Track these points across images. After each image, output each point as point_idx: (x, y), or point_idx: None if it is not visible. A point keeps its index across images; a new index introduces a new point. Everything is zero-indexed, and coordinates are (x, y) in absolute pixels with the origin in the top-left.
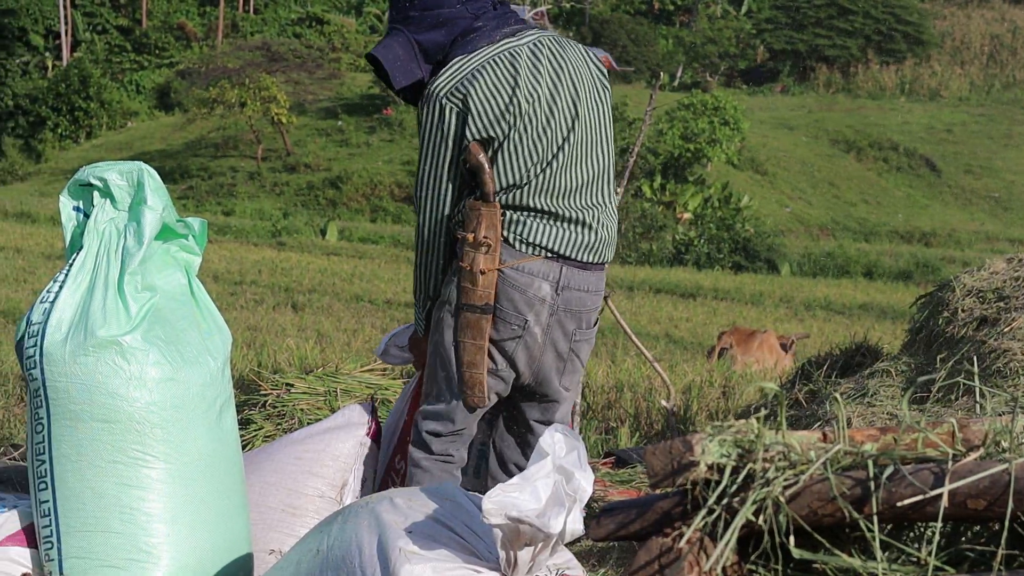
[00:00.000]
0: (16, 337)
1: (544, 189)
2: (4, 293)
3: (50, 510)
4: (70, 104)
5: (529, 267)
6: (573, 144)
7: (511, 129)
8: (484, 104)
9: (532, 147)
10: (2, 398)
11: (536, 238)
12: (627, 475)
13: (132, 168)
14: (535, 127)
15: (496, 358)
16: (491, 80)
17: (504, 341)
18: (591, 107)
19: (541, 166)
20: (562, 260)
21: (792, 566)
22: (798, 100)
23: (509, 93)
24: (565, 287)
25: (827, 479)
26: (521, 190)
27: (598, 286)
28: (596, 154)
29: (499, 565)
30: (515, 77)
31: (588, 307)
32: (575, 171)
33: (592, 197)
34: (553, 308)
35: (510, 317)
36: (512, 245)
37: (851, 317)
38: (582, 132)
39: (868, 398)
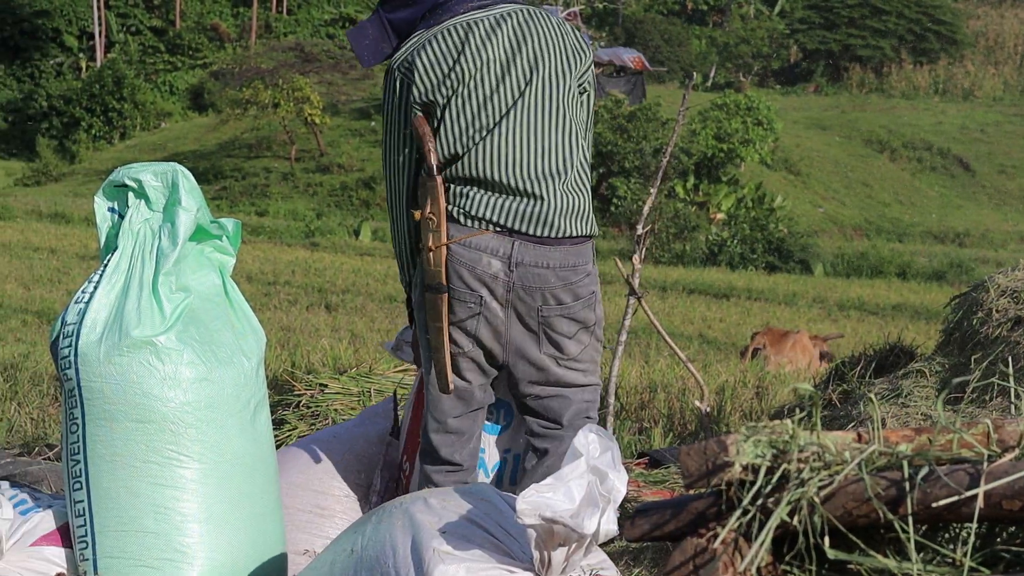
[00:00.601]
0: (51, 337)
1: (488, 158)
2: (39, 293)
3: (85, 510)
4: (104, 105)
5: (476, 242)
6: (522, 111)
7: (453, 94)
8: (427, 70)
9: (475, 113)
10: (37, 398)
11: (481, 211)
12: (661, 476)
13: (166, 169)
14: (480, 93)
15: (459, 339)
16: (438, 48)
17: (464, 320)
18: (551, 77)
19: (482, 132)
20: (514, 235)
21: (827, 567)
22: (831, 100)
23: (453, 58)
24: (519, 263)
25: (862, 480)
26: (464, 160)
27: (566, 261)
28: (552, 124)
29: (533, 565)
30: (463, 43)
31: (551, 283)
32: (525, 140)
33: (547, 167)
34: (508, 285)
35: (464, 295)
36: (457, 220)
37: (885, 317)
38: (535, 100)
39: (902, 399)
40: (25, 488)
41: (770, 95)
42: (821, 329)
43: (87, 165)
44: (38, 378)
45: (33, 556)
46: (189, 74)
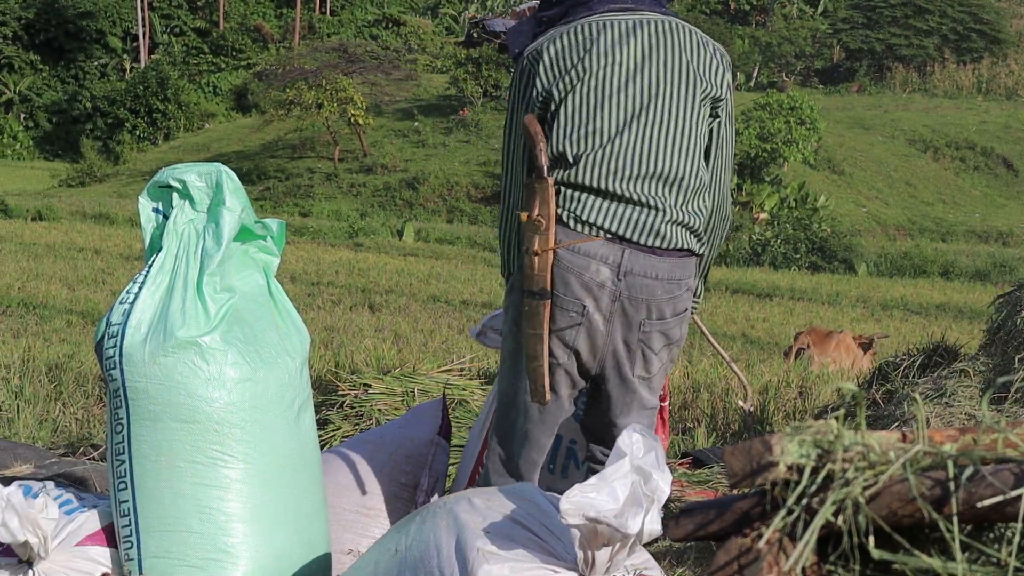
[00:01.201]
0: (96, 338)
1: (606, 167)
2: (83, 294)
3: (130, 510)
4: (148, 106)
5: (586, 248)
6: (646, 123)
7: (571, 91)
8: (552, 62)
9: (592, 115)
10: (82, 399)
11: (593, 217)
12: (704, 475)
13: (211, 170)
14: (600, 95)
15: (556, 349)
16: (568, 42)
17: (564, 330)
18: (678, 93)
19: (601, 139)
20: (624, 243)
21: (871, 567)
22: (874, 99)
23: (579, 55)
24: (628, 272)
25: (907, 480)
26: (580, 166)
27: (672, 273)
28: (675, 140)
29: (577, 565)
30: (593, 41)
31: (658, 296)
32: (646, 154)
33: (663, 186)
34: (615, 295)
35: (566, 303)
36: (567, 224)
37: (928, 317)
38: (660, 117)
39: (946, 398)
40: (70, 488)
41: (813, 95)
42: (865, 329)
43: (131, 166)
44: (83, 378)
45: (78, 556)
46: (233, 75)
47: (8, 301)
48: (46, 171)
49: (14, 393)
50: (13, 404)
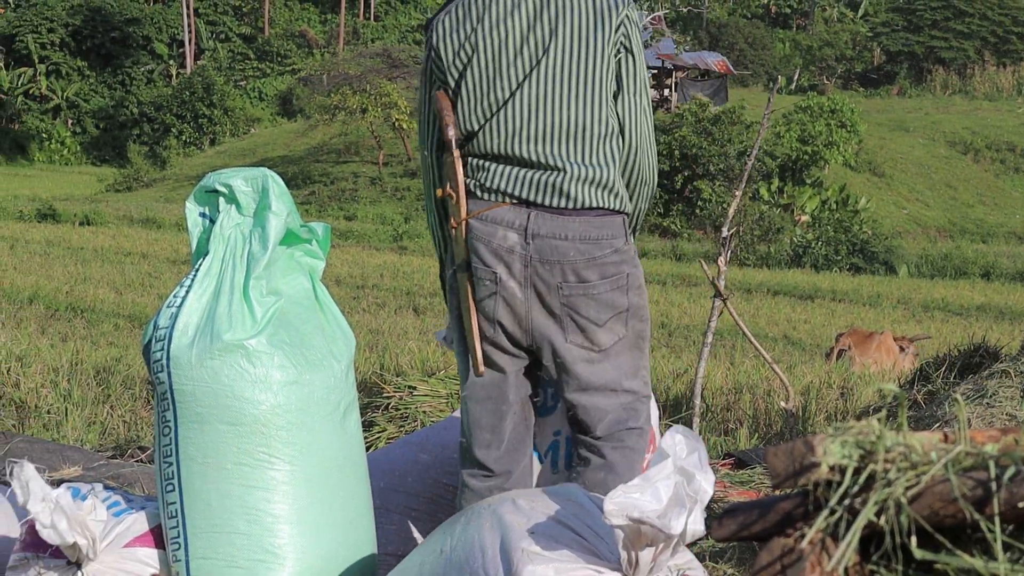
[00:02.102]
0: (143, 341)
1: (502, 131)
2: (131, 298)
3: (177, 511)
4: (194, 111)
5: (493, 215)
6: (539, 81)
7: (467, 64)
8: (446, 35)
9: (490, 84)
10: (129, 401)
11: (497, 183)
12: (747, 476)
13: (257, 174)
14: (496, 63)
15: (482, 323)
16: (459, 13)
17: (483, 300)
18: (574, 41)
19: (496, 105)
20: (531, 206)
21: (913, 566)
22: (915, 102)
23: (474, 23)
24: (535, 235)
25: (949, 480)
26: (480, 134)
27: (586, 233)
28: (574, 92)
29: (620, 565)
30: (486, 7)
31: (571, 257)
32: (542, 111)
33: (566, 138)
34: (525, 259)
35: (481, 272)
36: (475, 194)
37: (969, 318)
38: (554, 68)
39: (987, 399)
40: (118, 490)
41: (853, 97)
42: (906, 330)
43: (177, 171)
44: (130, 381)
45: (126, 557)
46: (278, 80)
47: (56, 305)
48: (93, 176)
49: (63, 396)
50: (62, 407)
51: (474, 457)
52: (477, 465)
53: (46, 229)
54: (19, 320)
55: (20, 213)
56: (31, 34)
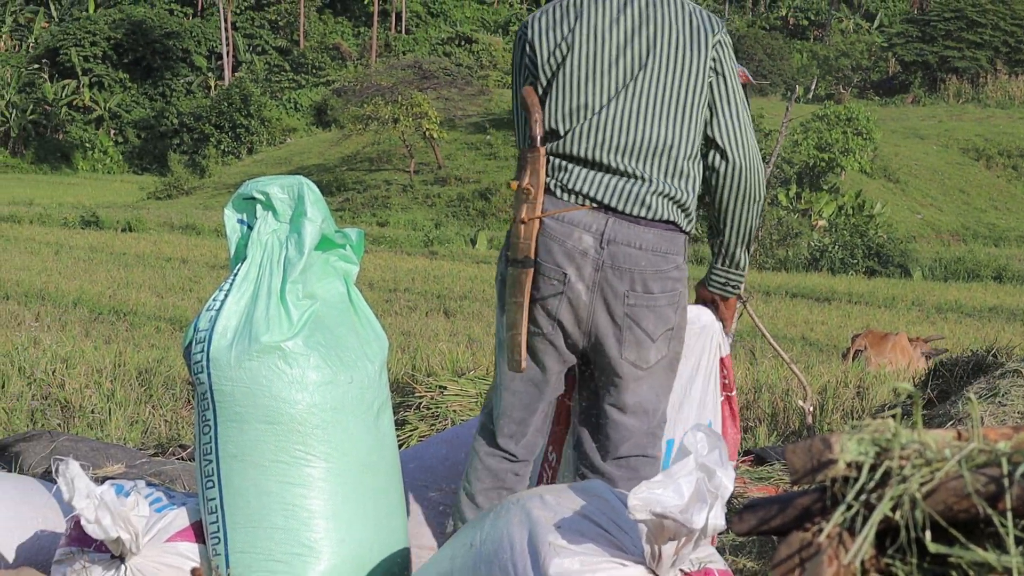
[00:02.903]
0: (184, 343)
1: (593, 139)
2: (171, 301)
3: (217, 507)
4: (232, 121)
5: (570, 217)
6: (633, 95)
7: (561, 65)
8: (541, 34)
9: (581, 88)
10: (170, 401)
11: (580, 186)
12: (766, 472)
13: (293, 182)
14: (589, 68)
15: (540, 319)
16: (556, 13)
17: (546, 299)
18: (670, 61)
19: (589, 112)
20: (609, 211)
21: (928, 560)
22: (928, 110)
23: (571, 24)
24: (611, 240)
25: (962, 476)
26: (569, 137)
27: (657, 245)
28: (665, 111)
29: (644, 559)
30: (584, 11)
31: (642, 267)
32: (633, 125)
33: (653, 152)
34: (598, 264)
35: (549, 271)
36: (554, 193)
37: (981, 320)
38: (648, 88)
39: (999, 398)
40: (160, 487)
41: (869, 106)
42: (920, 331)
43: (216, 179)
44: (171, 382)
45: (168, 551)
46: (313, 91)
47: (100, 309)
48: (135, 184)
49: (106, 396)
50: (105, 407)
51: (496, 442)
52: (499, 448)
53: (90, 235)
54: (64, 323)
55: (65, 220)
56: (75, 47)
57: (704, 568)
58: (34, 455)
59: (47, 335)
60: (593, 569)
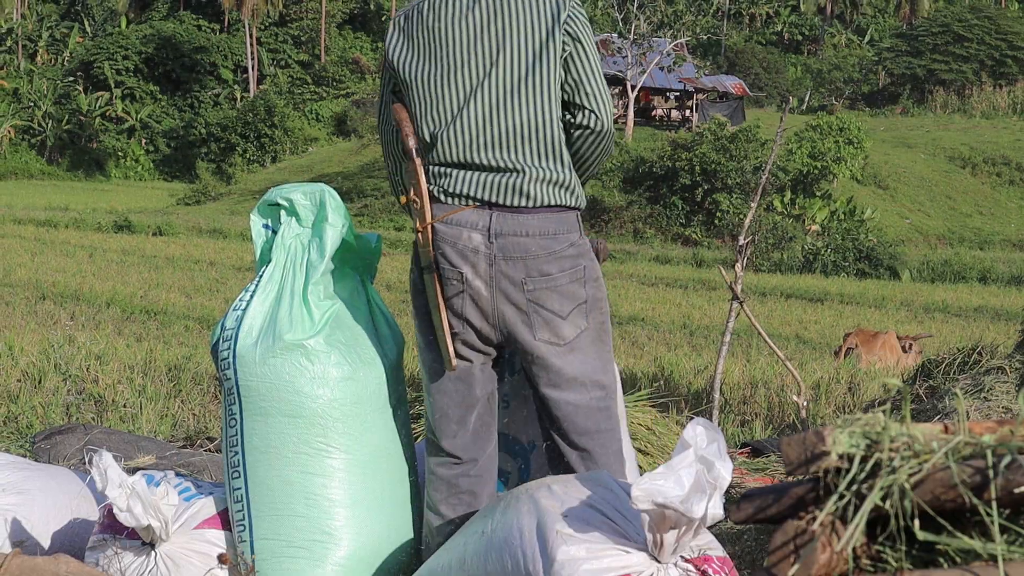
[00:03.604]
0: (211, 341)
1: (461, 141)
2: (200, 302)
3: (242, 496)
4: (257, 132)
5: (457, 218)
6: (490, 89)
7: (420, 66)
8: (398, 40)
9: (441, 93)
10: (199, 396)
11: (460, 188)
12: (762, 464)
13: (315, 189)
14: (447, 72)
15: (452, 320)
16: (414, 19)
17: (451, 299)
18: (524, 46)
19: (452, 114)
20: (491, 207)
21: (916, 547)
22: (917, 120)
23: (424, 32)
24: (498, 234)
25: (949, 468)
26: (439, 143)
27: (545, 229)
28: (522, 98)
29: (647, 547)
30: (437, 14)
31: (533, 252)
32: (497, 117)
33: (517, 144)
34: (490, 258)
35: (448, 272)
36: (439, 199)
37: (967, 319)
38: (503, 78)
39: (984, 393)
40: (188, 477)
41: (860, 116)
42: (909, 330)
43: (242, 186)
44: (199, 378)
45: (196, 538)
46: (333, 103)
47: (132, 308)
48: (165, 191)
49: (138, 391)
50: (137, 401)
51: (440, 447)
52: (444, 454)
53: (122, 239)
54: (98, 322)
55: (98, 225)
56: (107, 61)
57: (704, 555)
58: (69, 447)
59: (82, 333)
60: (598, 556)
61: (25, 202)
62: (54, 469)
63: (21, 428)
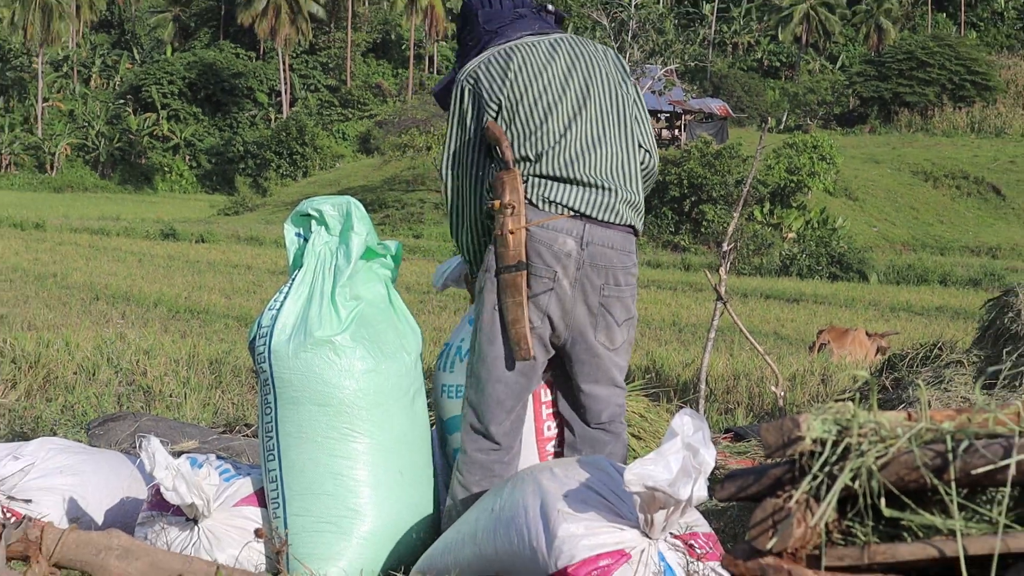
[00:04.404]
0: (249, 338)
1: (563, 159)
2: (238, 302)
3: (277, 477)
4: (289, 149)
5: (554, 224)
6: (584, 123)
7: (518, 100)
8: (490, 77)
9: (542, 119)
10: (237, 387)
11: (558, 197)
12: (744, 448)
13: (342, 201)
14: (543, 103)
15: (532, 315)
16: (499, 61)
17: (538, 296)
18: (605, 94)
19: (555, 136)
20: (585, 219)
21: (883, 523)
22: (884, 139)
23: (515, 70)
24: (589, 243)
25: (912, 451)
26: (540, 161)
27: (624, 246)
28: (611, 134)
29: (639, 524)
30: (523, 58)
31: (614, 264)
32: (593, 144)
33: (611, 170)
34: (579, 262)
35: (540, 271)
36: (536, 205)
37: (929, 318)
38: (597, 114)
39: (944, 384)
40: (228, 460)
41: (832, 135)
42: (876, 327)
43: (276, 198)
44: (238, 370)
45: (235, 515)
46: (358, 124)
47: (177, 308)
48: (206, 202)
49: (182, 383)
50: (181, 391)
51: (488, 432)
52: (486, 440)
53: (168, 246)
54: (146, 320)
55: (146, 233)
56: (154, 85)
57: (690, 531)
58: (120, 433)
59: (131, 331)
60: (595, 532)
61: (80, 213)
62: (107, 453)
63: (77, 416)
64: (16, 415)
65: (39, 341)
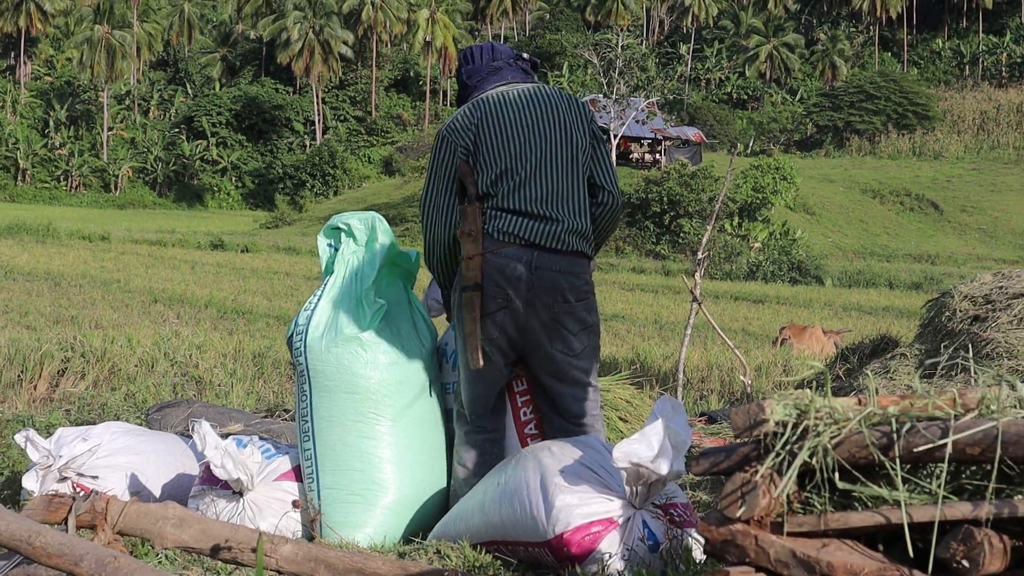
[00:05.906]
0: (287, 335)
1: (519, 195)
2: (278, 304)
3: (311, 455)
4: (322, 171)
5: (506, 252)
6: (543, 162)
7: (488, 142)
8: (464, 125)
9: (507, 159)
10: (277, 377)
11: (511, 228)
12: (716, 429)
13: (368, 216)
14: (509, 147)
15: (489, 328)
16: (476, 110)
17: (494, 313)
18: (562, 140)
19: (514, 175)
20: (534, 247)
21: (837, 495)
22: (837, 161)
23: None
24: (538, 267)
25: (862, 432)
26: (498, 196)
27: (572, 268)
28: (562, 174)
29: (626, 496)
30: (497, 105)
31: (562, 285)
32: (548, 183)
33: (560, 205)
34: (530, 284)
35: (494, 292)
36: (492, 235)
37: (877, 316)
38: (553, 158)
39: (890, 374)
40: (269, 440)
41: (792, 158)
42: (831, 325)
43: (310, 213)
44: (278, 363)
45: (275, 488)
46: (382, 149)
47: (225, 309)
48: (250, 217)
49: (229, 374)
50: (228, 381)
51: (473, 421)
52: (476, 426)
53: (216, 255)
54: (198, 320)
55: (198, 244)
56: (205, 116)
57: (670, 501)
58: (175, 417)
59: (185, 329)
60: (587, 503)
61: (140, 227)
62: (164, 435)
63: (138, 403)
64: (85, 403)
65: (105, 338)
